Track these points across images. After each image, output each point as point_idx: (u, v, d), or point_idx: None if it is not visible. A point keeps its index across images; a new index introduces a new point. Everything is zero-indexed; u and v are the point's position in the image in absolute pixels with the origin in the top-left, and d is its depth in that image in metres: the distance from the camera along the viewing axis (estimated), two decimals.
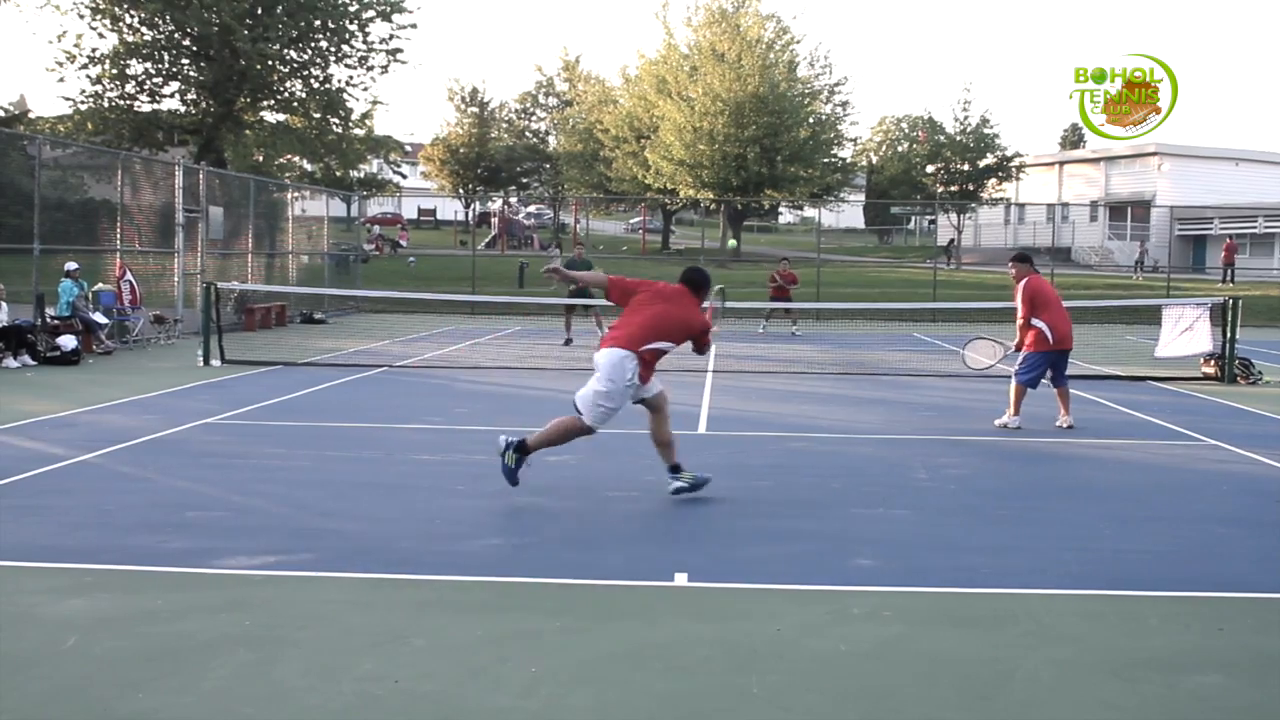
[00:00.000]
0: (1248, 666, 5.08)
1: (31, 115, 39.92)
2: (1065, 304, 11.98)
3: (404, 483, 8.83)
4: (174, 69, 35.46)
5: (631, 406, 8.16)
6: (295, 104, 37.31)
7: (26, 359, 16.44)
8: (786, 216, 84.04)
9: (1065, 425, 11.81)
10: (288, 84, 37.12)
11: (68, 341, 17.05)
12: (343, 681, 4.72)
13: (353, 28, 36.60)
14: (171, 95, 36.07)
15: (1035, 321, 11.67)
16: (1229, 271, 45.27)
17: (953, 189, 60.21)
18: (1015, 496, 8.73)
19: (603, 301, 21.88)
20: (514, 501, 8.13)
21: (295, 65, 36.69)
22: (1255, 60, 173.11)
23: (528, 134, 73.42)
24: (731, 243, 16.96)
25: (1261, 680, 4.94)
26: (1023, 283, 11.80)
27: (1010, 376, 12.15)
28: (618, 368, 7.90)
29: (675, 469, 8.25)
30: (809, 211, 69.73)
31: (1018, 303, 11.82)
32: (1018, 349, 11.95)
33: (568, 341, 21.55)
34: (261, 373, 16.26)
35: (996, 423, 11.92)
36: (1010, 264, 12.29)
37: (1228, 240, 47.50)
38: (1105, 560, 6.83)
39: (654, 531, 7.36)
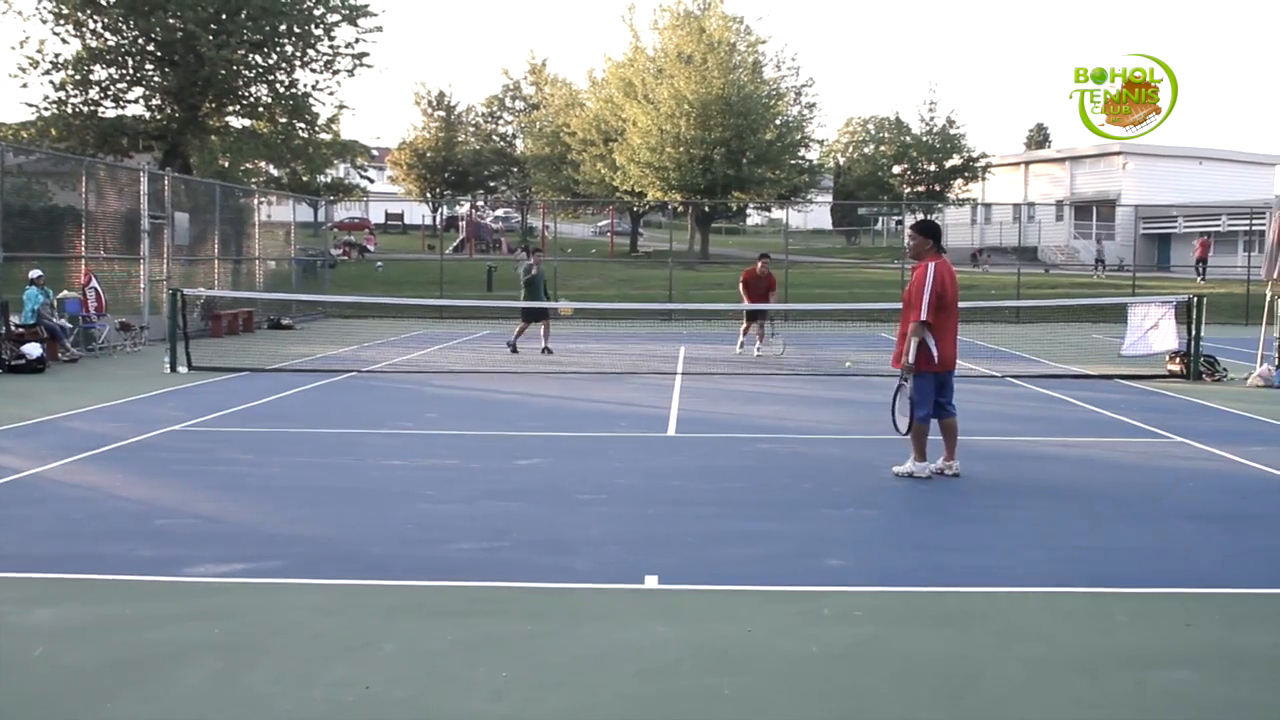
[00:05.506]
0: (1217, 662, 5.12)
1: None
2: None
3: (374, 488, 8.79)
4: (138, 74, 35.13)
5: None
6: (261, 109, 37.04)
7: None
8: (754, 218, 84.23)
9: (953, 471, 9.23)
10: (253, 89, 36.85)
11: (33, 349, 16.89)
12: (314, 688, 4.70)
13: (318, 32, 36.37)
14: (136, 101, 35.77)
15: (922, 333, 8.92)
16: (1201, 267, 45.18)
17: (919, 189, 60.52)
18: (984, 495, 8.76)
19: (559, 304, 21.82)
20: (484, 506, 8.12)
21: (260, 70, 36.43)
22: (1218, 59, 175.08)
23: (495, 137, 73.29)
24: (849, 363, 16.83)
25: (1230, 676, 4.98)
26: (930, 267, 8.91)
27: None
28: None
29: None
30: (776, 213, 69.89)
31: (925, 293, 8.79)
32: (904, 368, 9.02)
33: (514, 349, 20.28)
34: (229, 379, 16.15)
35: (897, 470, 9.25)
36: (910, 233, 9.33)
37: (1203, 238, 47.74)
38: (1074, 558, 6.87)
39: (624, 534, 7.35)
